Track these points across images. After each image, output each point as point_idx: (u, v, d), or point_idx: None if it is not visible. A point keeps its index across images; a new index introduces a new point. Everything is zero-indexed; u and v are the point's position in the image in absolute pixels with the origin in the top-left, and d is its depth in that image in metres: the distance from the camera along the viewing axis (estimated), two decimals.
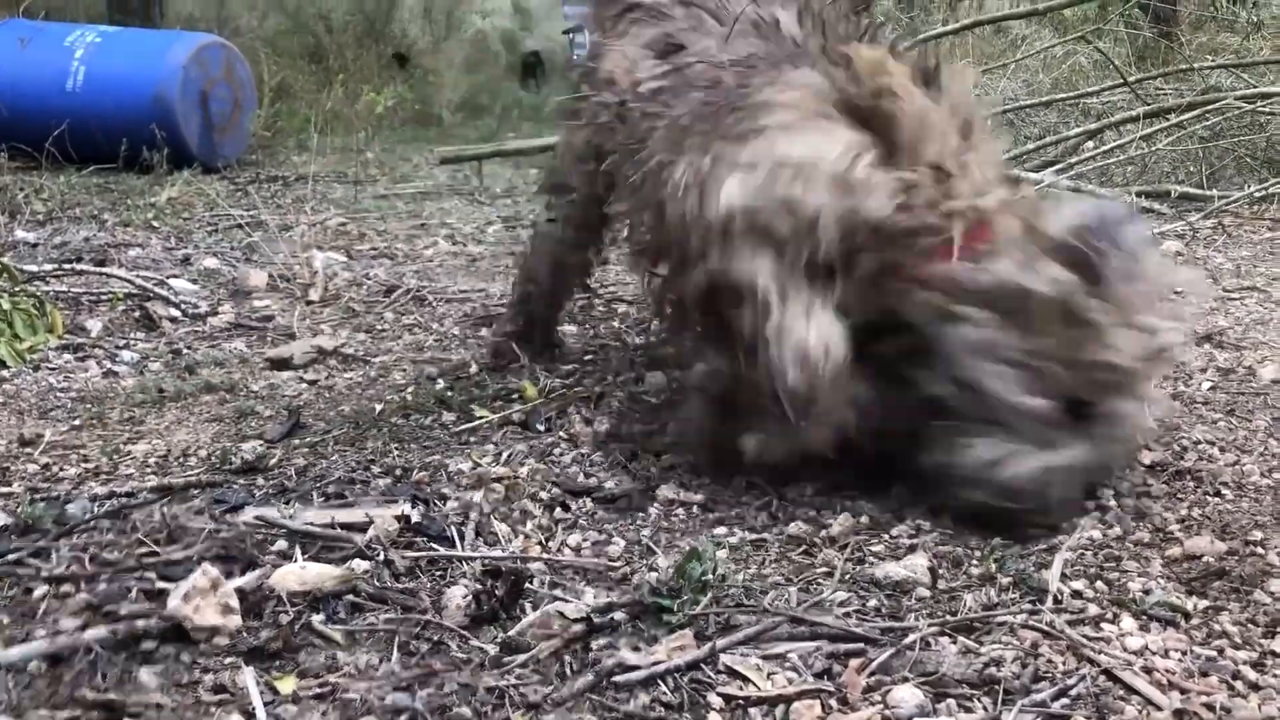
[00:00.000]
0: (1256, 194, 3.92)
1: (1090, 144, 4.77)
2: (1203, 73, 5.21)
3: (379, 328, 2.87)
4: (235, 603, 1.29)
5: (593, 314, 2.91)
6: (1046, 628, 1.27)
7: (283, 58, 7.37)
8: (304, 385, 2.38)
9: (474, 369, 2.39)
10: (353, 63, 7.91)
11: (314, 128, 5.96)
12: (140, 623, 1.26)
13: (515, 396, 2.17)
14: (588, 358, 2.49)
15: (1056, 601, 1.34)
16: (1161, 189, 4.21)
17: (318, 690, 1.18)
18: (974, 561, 1.46)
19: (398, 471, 1.79)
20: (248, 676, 1.18)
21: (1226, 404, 2.05)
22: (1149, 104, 4.69)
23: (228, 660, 1.23)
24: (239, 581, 1.35)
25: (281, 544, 1.48)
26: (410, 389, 2.29)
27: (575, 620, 1.28)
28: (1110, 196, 4.19)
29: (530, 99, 8.18)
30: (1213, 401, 2.07)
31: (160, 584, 1.35)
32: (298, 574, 1.37)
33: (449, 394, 2.20)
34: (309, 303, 3.10)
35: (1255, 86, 4.65)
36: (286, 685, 1.18)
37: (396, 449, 1.91)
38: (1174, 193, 4.14)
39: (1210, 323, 2.62)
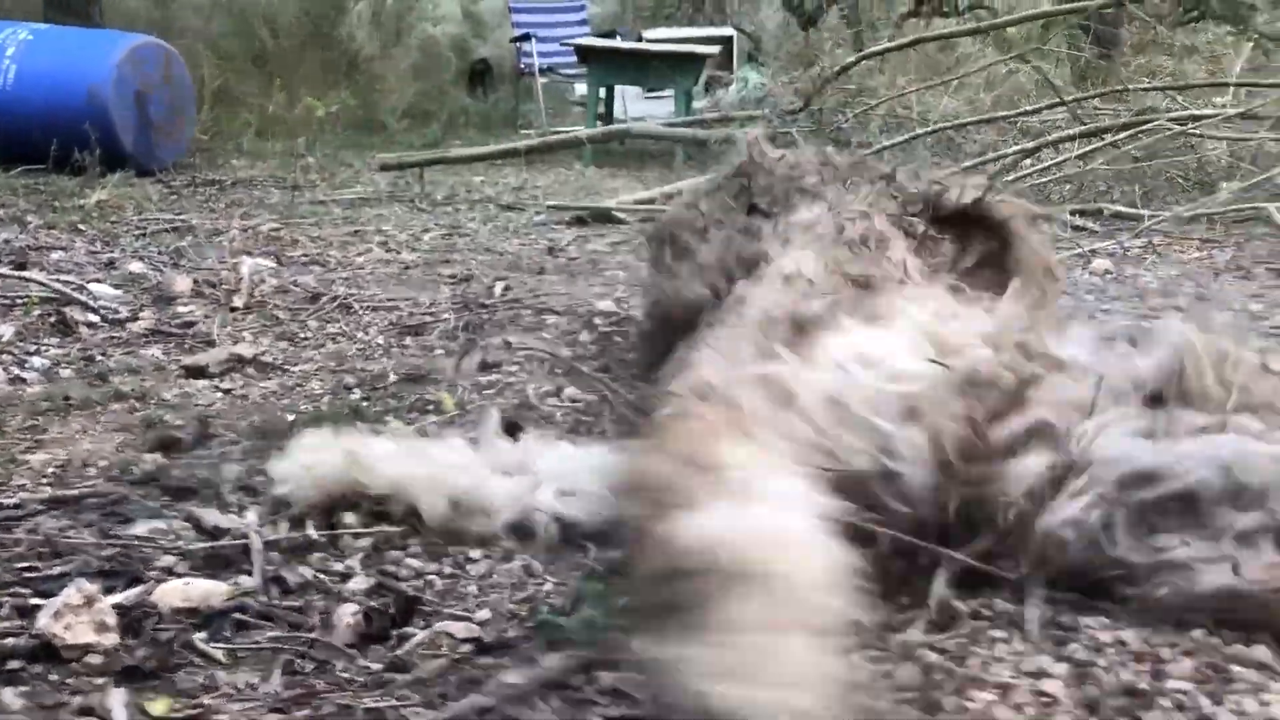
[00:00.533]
0: (1185, 214, 3.98)
1: (1028, 161, 4.83)
2: (1138, 94, 5.31)
3: (301, 336, 2.81)
4: (112, 620, 1.24)
5: (521, 324, 2.88)
6: None
7: (226, 60, 7.28)
8: (218, 394, 2.33)
9: (392, 378, 2.35)
10: (297, 68, 7.83)
11: (255, 132, 5.89)
12: (9, 641, 1.21)
13: (431, 408, 2.13)
14: (511, 369, 2.45)
15: None
16: (1093, 207, 4.27)
17: (190, 712, 1.13)
18: None
19: None
20: (115, 698, 1.13)
21: None
22: (1085, 124, 4.76)
23: (99, 680, 1.18)
24: (118, 598, 1.30)
25: (169, 559, 1.44)
26: (325, 399, 2.24)
27: (465, 640, 1.25)
28: (1049, 215, 4.25)
29: (477, 106, 8.14)
30: None
31: (34, 600, 1.30)
32: (181, 590, 1.33)
33: (364, 404, 2.16)
34: (232, 309, 3.04)
35: (1188, 109, 4.74)
36: (158, 707, 1.14)
37: None
38: (1105, 211, 4.19)
39: None
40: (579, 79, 7.63)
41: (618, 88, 7.73)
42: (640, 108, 7.99)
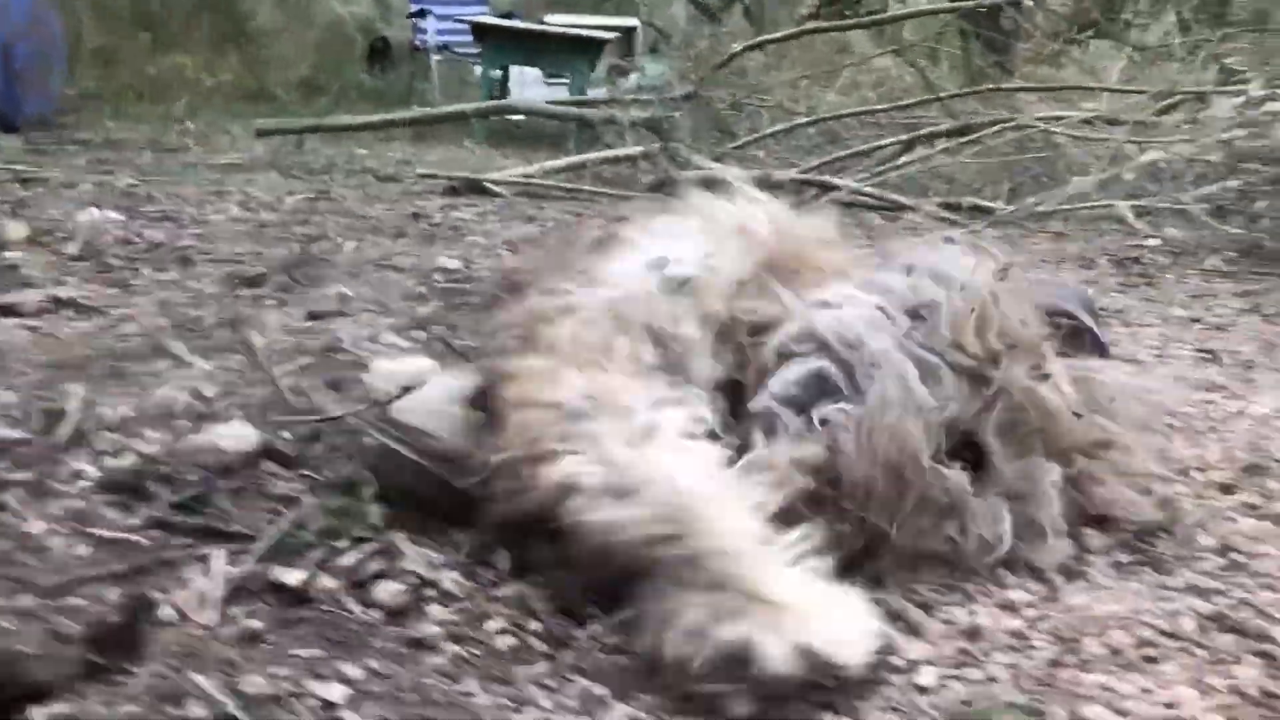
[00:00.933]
0: (1038, 208, 4.09)
1: (905, 156, 4.93)
2: (1014, 97, 5.45)
3: (132, 283, 2.73)
4: None
5: (361, 278, 2.84)
6: None
7: (108, 19, 7.05)
8: (24, 332, 2.24)
9: (210, 322, 2.29)
10: (187, 33, 7.63)
11: (135, 95, 5.72)
12: None
13: (241, 345, 2.09)
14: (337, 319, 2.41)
15: None
16: (955, 201, 4.37)
17: None
18: None
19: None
20: None
21: None
22: (957, 121, 4.87)
23: None
24: None
25: None
26: (136, 340, 2.18)
27: None
28: (913, 204, 4.34)
29: (372, 83, 8.02)
30: None
31: None
32: None
33: (172, 344, 2.10)
34: (63, 255, 2.94)
35: (1054, 109, 4.89)
36: None
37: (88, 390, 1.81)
38: (965, 204, 4.29)
39: None
40: (475, 58, 7.58)
41: (516, 71, 7.69)
42: (539, 92, 7.94)
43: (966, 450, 1.29)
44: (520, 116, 6.74)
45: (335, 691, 1.00)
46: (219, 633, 1.08)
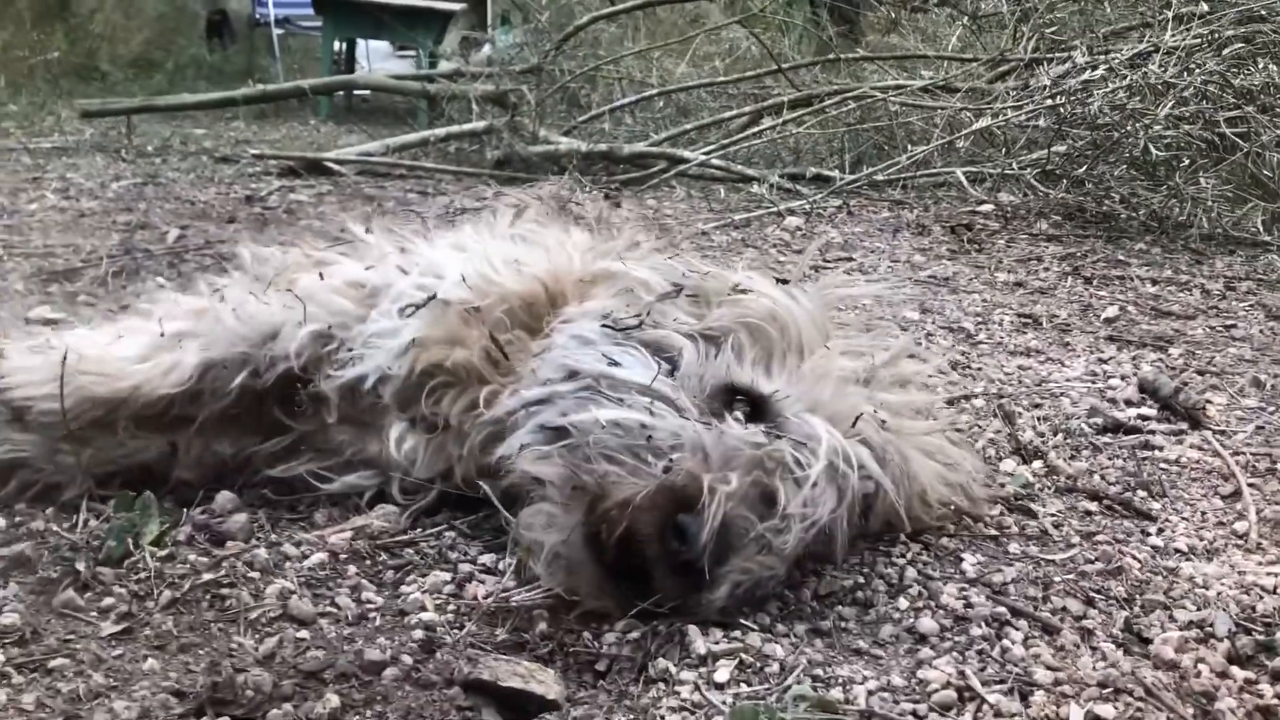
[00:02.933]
0: (877, 177, 4.16)
1: (754, 128, 4.95)
2: (857, 68, 5.53)
3: None
4: None
5: (180, 271, 2.71)
6: None
7: None
8: None
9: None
10: (4, 6, 7.17)
11: None
12: None
13: None
14: None
15: None
16: (799, 171, 4.42)
17: None
18: None
19: None
20: None
21: None
22: (801, 91, 4.91)
23: None
24: None
25: None
26: None
27: None
28: (758, 176, 4.37)
29: (211, 58, 7.69)
30: None
31: None
32: None
33: None
34: None
35: (895, 79, 4.97)
36: None
37: None
38: (809, 174, 4.34)
39: None
40: (317, 31, 7.32)
41: (363, 45, 7.46)
42: (389, 66, 7.74)
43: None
44: (367, 92, 6.56)
45: None
46: None
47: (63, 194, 3.72)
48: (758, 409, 1.26)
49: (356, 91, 6.76)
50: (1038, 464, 1.71)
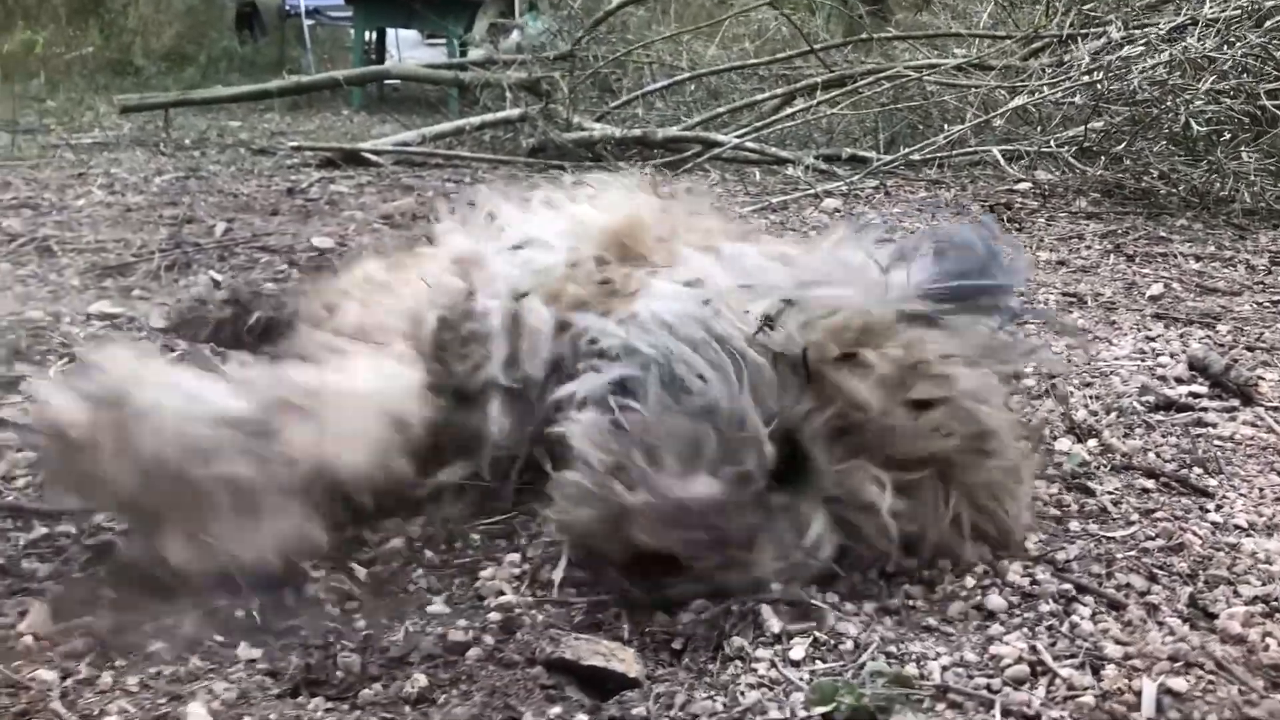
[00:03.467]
0: (914, 157, 4.16)
1: (787, 109, 4.95)
2: (889, 46, 5.51)
3: None
4: None
5: (230, 264, 2.76)
6: None
7: None
8: None
9: (68, 321, 2.21)
10: (40, 4, 7.26)
11: None
12: None
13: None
14: None
15: None
16: (834, 152, 4.42)
17: None
18: None
19: None
20: None
21: None
22: (833, 72, 4.90)
23: None
24: None
25: None
26: None
27: None
28: (793, 158, 4.37)
29: (243, 51, 7.75)
30: None
31: None
32: None
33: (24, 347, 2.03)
34: None
35: (928, 58, 4.96)
36: None
37: None
38: (844, 155, 4.34)
39: None
40: (348, 21, 7.36)
41: (392, 33, 7.49)
42: (419, 55, 7.77)
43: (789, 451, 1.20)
44: (397, 81, 6.59)
45: None
46: None
47: (108, 189, 3.77)
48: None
49: (388, 81, 6.80)
50: (1092, 442, 1.72)
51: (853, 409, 1.19)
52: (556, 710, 1.04)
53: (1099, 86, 3.82)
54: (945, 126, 4.41)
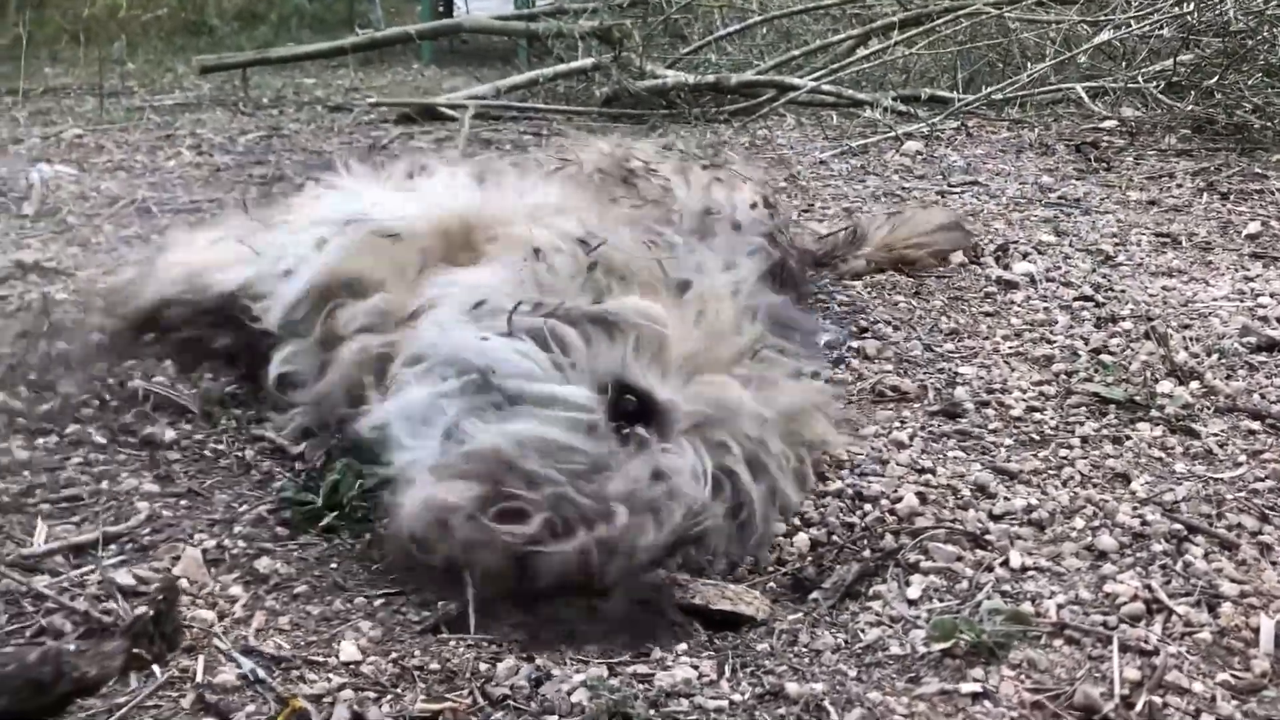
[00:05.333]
0: (994, 96, 4.09)
1: (861, 50, 4.88)
2: None
3: (94, 241, 2.71)
4: None
5: None
6: None
7: None
8: None
9: None
10: None
11: (69, 38, 5.56)
12: None
13: None
14: None
15: None
16: (913, 93, 4.35)
17: None
18: None
19: None
20: None
21: (913, 287, 2.15)
22: (909, 11, 4.82)
23: None
24: None
25: None
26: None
27: None
28: (870, 100, 4.32)
29: (311, 8, 7.81)
30: (900, 285, 2.16)
31: None
32: None
33: None
34: (21, 217, 2.90)
35: None
36: None
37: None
38: (924, 96, 4.28)
39: None
40: None
41: None
42: (485, 4, 7.77)
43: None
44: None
45: None
46: None
47: (196, 150, 3.86)
48: (648, 414, 1.21)
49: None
50: (1195, 385, 1.72)
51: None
52: (683, 645, 1.08)
53: (1189, 18, 3.71)
54: (1026, 64, 4.32)
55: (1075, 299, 2.12)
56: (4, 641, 1.07)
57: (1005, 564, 1.21)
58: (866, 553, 1.23)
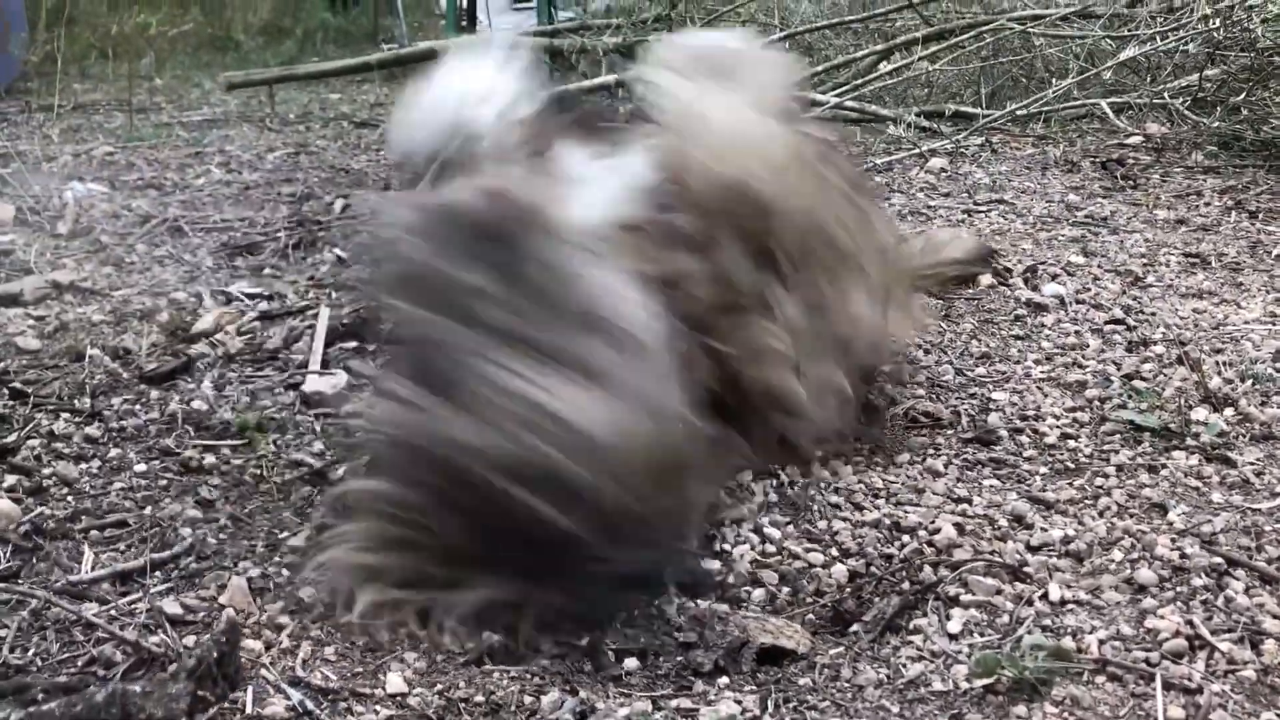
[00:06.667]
0: (1019, 112, 4.08)
1: (884, 65, 4.89)
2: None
3: (128, 260, 2.74)
4: None
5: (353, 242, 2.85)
6: None
7: None
8: (30, 323, 2.26)
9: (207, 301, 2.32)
10: None
11: (98, 54, 5.62)
12: None
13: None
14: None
15: None
16: (936, 109, 4.36)
17: None
18: None
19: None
20: None
21: (942, 309, 2.16)
22: (932, 26, 4.82)
23: None
24: None
25: None
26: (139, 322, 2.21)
27: None
28: (894, 116, 4.32)
29: (336, 22, 7.87)
30: (928, 306, 2.17)
31: None
32: None
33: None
34: (56, 236, 2.94)
35: (1030, 9, 4.84)
36: None
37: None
38: (947, 112, 4.28)
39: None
40: None
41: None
42: (507, 20, 7.81)
43: None
44: None
45: None
46: None
47: (225, 168, 3.90)
48: None
49: None
50: (1229, 411, 1.71)
51: None
52: (725, 680, 1.09)
53: (1215, 34, 3.70)
54: (1051, 80, 4.31)
55: (1106, 322, 2.11)
56: (57, 671, 1.09)
57: (1045, 597, 1.21)
58: (906, 585, 1.23)
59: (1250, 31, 3.56)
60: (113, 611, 1.20)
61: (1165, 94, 3.90)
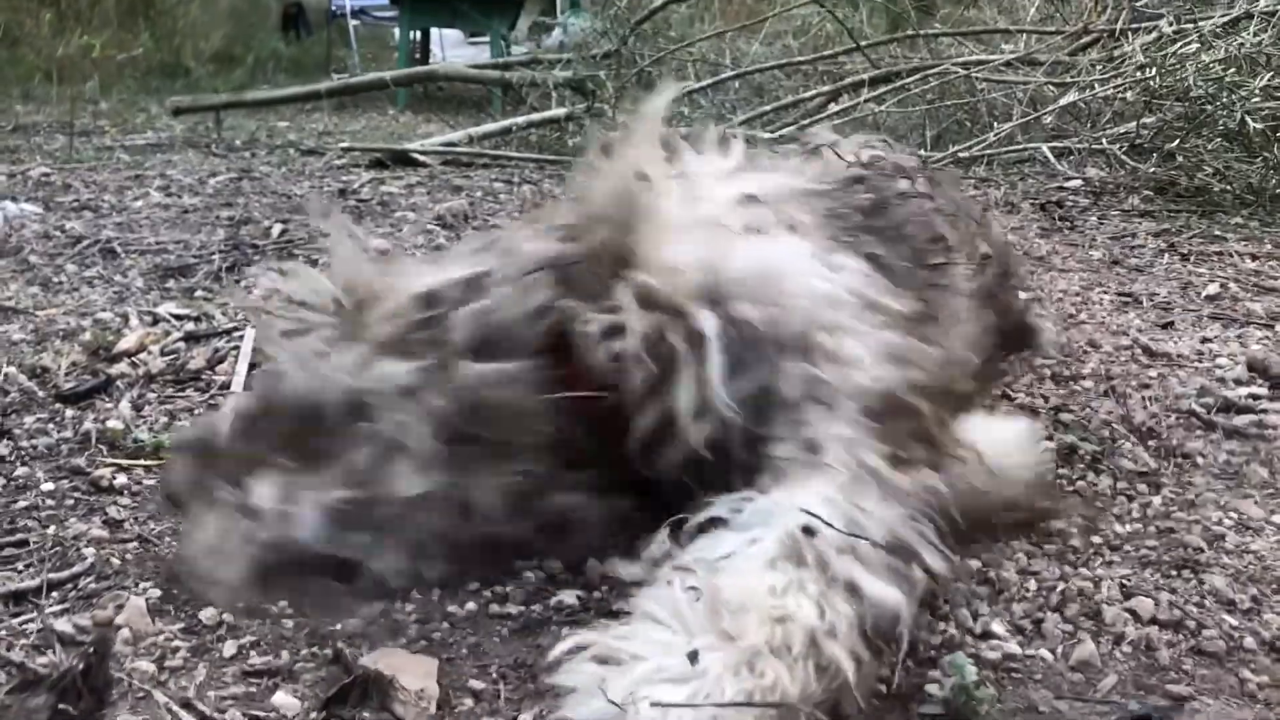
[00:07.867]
0: (962, 154, 4.14)
1: (833, 106, 4.95)
2: (934, 42, 5.48)
3: (55, 280, 2.68)
4: None
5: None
6: None
7: None
8: None
9: (134, 322, 2.27)
10: (92, 7, 7.38)
11: (43, 76, 5.56)
12: None
13: None
14: None
15: None
16: None
17: None
18: None
19: None
20: None
21: None
22: (879, 69, 4.90)
23: None
24: None
25: None
26: (60, 340, 2.15)
27: None
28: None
29: (289, 51, 7.85)
30: None
31: None
32: None
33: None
34: None
35: (975, 54, 4.94)
36: None
37: None
38: None
39: None
40: (392, 21, 7.44)
41: (436, 32, 7.56)
42: (462, 54, 7.84)
43: None
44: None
45: None
46: None
47: (165, 191, 3.85)
48: None
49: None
50: (1153, 443, 1.72)
51: None
52: None
53: (1151, 83, 3.79)
54: (994, 124, 4.39)
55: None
56: None
57: None
58: None
59: (1184, 81, 3.65)
60: (2, 631, 1.16)
61: (1104, 139, 3.98)
